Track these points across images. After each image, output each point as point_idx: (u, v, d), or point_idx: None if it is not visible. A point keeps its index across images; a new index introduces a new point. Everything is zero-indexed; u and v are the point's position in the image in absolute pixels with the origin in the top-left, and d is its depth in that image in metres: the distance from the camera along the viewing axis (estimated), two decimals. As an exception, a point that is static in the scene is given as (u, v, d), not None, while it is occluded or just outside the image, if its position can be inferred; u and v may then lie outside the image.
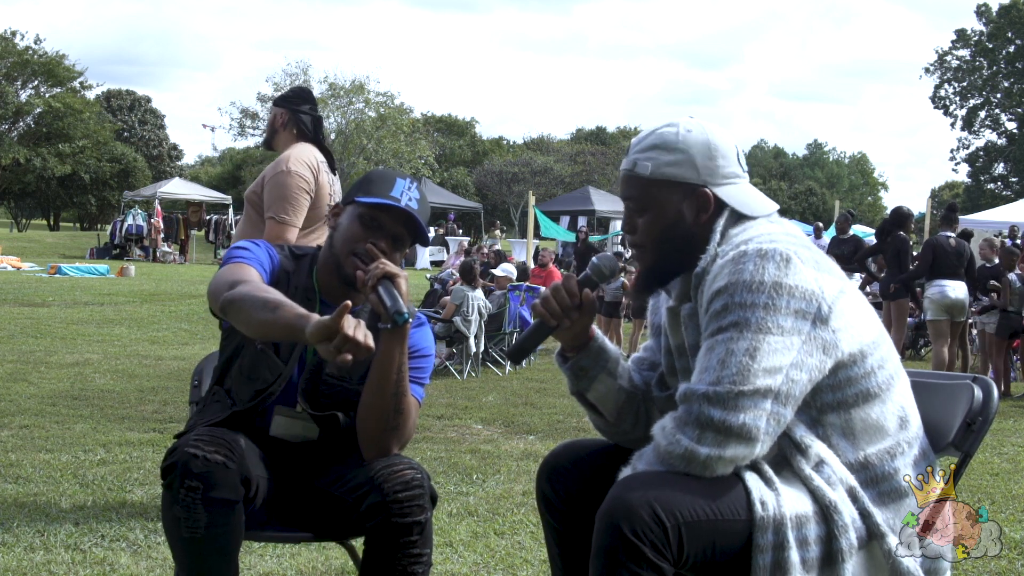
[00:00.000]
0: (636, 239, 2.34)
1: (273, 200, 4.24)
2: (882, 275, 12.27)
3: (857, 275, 12.38)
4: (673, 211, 2.28)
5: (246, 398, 2.62)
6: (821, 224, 22.43)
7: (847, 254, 12.44)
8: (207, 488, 2.27)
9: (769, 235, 2.18)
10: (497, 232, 31.29)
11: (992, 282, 10.30)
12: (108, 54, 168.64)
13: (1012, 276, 10.00)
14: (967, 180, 62.81)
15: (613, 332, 12.11)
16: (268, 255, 2.65)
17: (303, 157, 4.34)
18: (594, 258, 2.48)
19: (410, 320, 2.46)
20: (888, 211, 11.66)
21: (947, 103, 60.42)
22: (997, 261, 10.69)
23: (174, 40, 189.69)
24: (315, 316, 2.15)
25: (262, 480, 2.48)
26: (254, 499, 2.43)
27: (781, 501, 2.06)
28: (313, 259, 2.71)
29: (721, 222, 2.25)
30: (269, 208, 4.26)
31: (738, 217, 2.27)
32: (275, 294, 2.33)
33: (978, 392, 2.35)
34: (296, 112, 4.48)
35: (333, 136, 42.03)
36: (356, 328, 2.10)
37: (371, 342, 2.12)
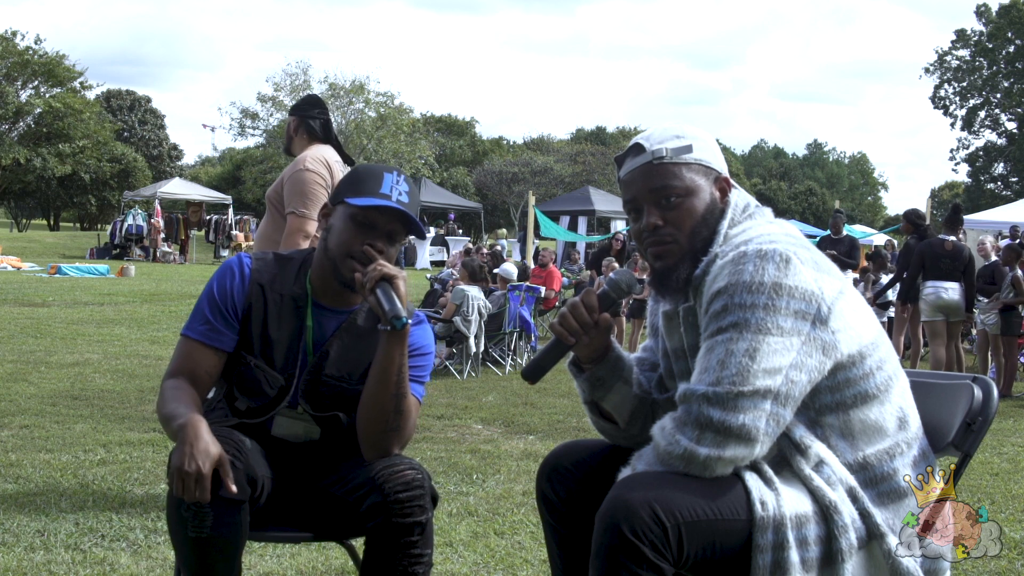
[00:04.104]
0: (668, 230, 2.23)
1: (292, 196, 4.61)
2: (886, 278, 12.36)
3: (849, 272, 12.53)
4: (708, 195, 2.26)
5: (251, 415, 2.62)
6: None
7: (842, 254, 12.55)
8: (214, 488, 2.26)
9: (769, 236, 2.18)
10: (503, 231, 31.39)
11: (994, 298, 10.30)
12: (112, 54, 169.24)
13: (1020, 273, 10.01)
14: (967, 180, 62.77)
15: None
16: (230, 289, 2.59)
17: (318, 155, 4.72)
18: (611, 273, 2.37)
19: (409, 323, 2.46)
20: (905, 213, 11.71)
21: (947, 103, 60.39)
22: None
23: (178, 41, 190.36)
24: (188, 442, 2.25)
25: (266, 480, 2.48)
26: (259, 499, 2.44)
27: (781, 501, 2.06)
28: (304, 263, 2.67)
29: (724, 223, 2.25)
30: (289, 204, 4.62)
31: (736, 218, 2.27)
32: (179, 407, 2.39)
33: (978, 392, 2.35)
34: (304, 118, 4.89)
35: (333, 136, 41.99)
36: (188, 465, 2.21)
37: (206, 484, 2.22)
